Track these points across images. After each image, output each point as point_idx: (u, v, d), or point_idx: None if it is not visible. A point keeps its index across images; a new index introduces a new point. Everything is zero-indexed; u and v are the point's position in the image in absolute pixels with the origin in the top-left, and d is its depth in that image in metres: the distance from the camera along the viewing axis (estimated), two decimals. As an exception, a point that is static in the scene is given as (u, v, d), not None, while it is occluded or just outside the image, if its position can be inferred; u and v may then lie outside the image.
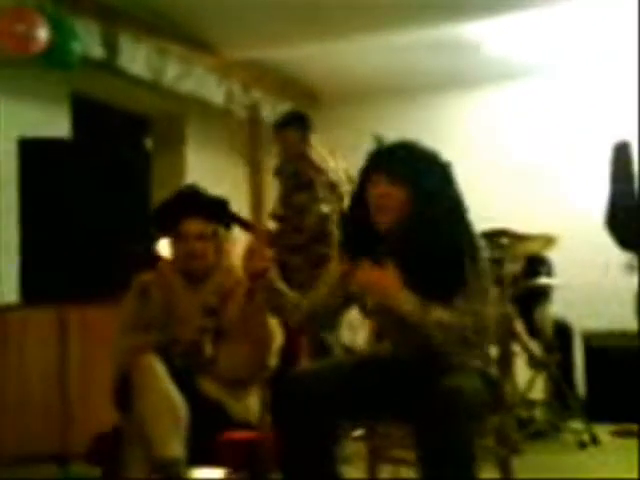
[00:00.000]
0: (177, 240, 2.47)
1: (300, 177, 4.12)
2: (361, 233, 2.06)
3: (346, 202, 3.80)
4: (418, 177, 1.97)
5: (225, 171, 5.64)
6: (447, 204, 1.99)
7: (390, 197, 1.98)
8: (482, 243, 2.04)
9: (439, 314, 1.91)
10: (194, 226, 2.43)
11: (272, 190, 4.15)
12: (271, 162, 4.14)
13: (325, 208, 4.02)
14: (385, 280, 1.93)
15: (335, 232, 3.88)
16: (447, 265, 1.94)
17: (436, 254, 1.95)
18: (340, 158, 4.29)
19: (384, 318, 2.12)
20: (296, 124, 4.20)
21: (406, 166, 1.98)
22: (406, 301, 1.91)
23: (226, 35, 4.93)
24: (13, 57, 3.85)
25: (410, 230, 1.97)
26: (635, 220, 2.93)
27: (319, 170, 4.10)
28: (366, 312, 2.16)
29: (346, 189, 3.98)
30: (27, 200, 3.64)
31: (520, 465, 2.55)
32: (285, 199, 4.19)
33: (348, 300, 2.14)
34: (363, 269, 1.97)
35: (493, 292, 2.02)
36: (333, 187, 4.06)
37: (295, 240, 4.08)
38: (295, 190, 4.13)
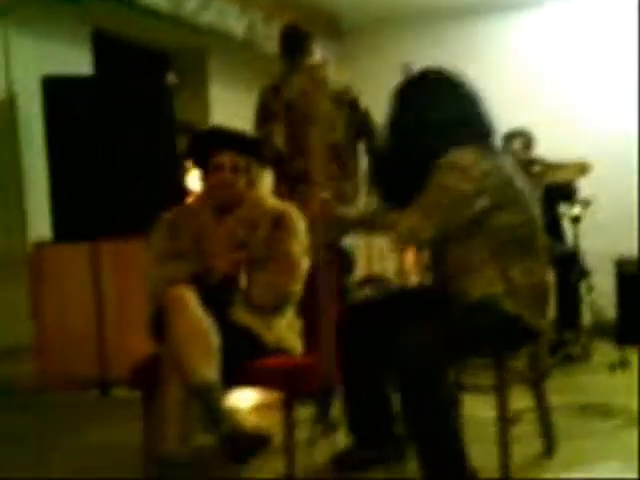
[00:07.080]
0: (210, 172, 2.49)
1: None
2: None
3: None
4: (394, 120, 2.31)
5: (248, 106, 5.57)
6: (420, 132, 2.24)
7: None
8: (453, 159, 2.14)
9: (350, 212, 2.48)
10: (228, 158, 2.46)
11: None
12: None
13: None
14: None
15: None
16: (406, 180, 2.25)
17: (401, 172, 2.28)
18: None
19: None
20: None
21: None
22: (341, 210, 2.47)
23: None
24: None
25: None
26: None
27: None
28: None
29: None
30: (53, 138, 3.65)
31: (551, 388, 2.56)
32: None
33: None
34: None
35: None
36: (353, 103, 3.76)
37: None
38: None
